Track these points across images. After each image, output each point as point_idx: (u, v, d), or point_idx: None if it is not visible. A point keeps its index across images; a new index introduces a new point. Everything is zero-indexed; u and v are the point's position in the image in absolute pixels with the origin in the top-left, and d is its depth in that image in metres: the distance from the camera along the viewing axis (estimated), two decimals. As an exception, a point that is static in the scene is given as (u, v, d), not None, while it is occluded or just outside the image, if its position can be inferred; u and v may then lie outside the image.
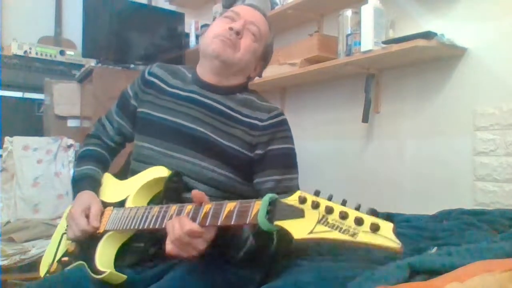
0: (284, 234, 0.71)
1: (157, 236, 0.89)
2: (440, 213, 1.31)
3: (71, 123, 2.75)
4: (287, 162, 1.02)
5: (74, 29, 3.09)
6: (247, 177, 1.01)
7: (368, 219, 0.55)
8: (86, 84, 2.63)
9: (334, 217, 0.58)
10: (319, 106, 2.18)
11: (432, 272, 0.66)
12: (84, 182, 1.05)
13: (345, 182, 1.95)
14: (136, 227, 0.87)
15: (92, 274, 0.85)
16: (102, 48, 2.52)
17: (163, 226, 0.80)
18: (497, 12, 1.44)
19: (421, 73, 1.68)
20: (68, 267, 0.98)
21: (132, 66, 2.57)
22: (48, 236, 1.97)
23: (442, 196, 1.57)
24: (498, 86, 1.43)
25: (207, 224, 0.74)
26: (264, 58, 1.13)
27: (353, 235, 0.55)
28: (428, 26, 1.56)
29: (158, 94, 1.09)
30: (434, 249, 0.91)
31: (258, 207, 0.67)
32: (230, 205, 0.73)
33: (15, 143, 2.31)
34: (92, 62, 2.60)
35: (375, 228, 0.54)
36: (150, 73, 1.13)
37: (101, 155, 1.15)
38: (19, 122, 2.80)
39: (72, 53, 3.09)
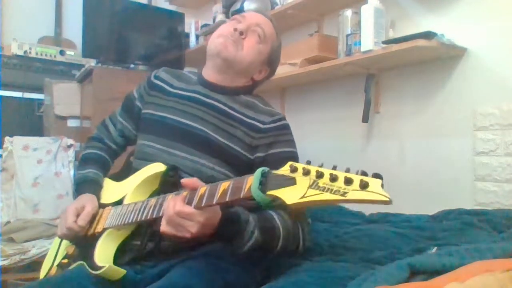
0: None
1: (154, 233, 0.90)
2: (440, 213, 1.31)
3: (71, 123, 2.75)
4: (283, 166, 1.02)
5: (74, 29, 3.09)
6: None
7: (357, 178, 0.58)
8: (86, 84, 2.63)
9: (324, 181, 0.59)
10: (319, 106, 2.18)
11: (432, 272, 0.66)
12: (86, 186, 1.07)
13: (345, 182, 1.95)
14: (134, 220, 0.87)
15: (91, 271, 0.85)
16: (102, 48, 2.52)
17: (161, 214, 0.81)
18: (497, 12, 1.44)
19: (421, 73, 1.68)
20: (68, 269, 0.98)
21: (132, 66, 2.56)
22: (48, 236, 1.98)
23: (442, 196, 1.57)
24: (498, 86, 1.43)
25: (203, 205, 0.75)
26: (270, 62, 1.12)
27: (344, 194, 0.57)
28: (428, 26, 1.57)
29: (162, 95, 1.10)
30: (434, 249, 0.91)
31: (251, 181, 0.68)
32: (224, 184, 0.74)
33: (15, 143, 2.31)
34: (92, 62, 2.59)
35: (364, 185, 0.56)
36: (156, 77, 1.15)
37: (102, 158, 1.17)
38: (19, 122, 2.80)
39: (72, 53, 3.09)
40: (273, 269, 0.96)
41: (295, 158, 1.02)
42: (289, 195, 0.61)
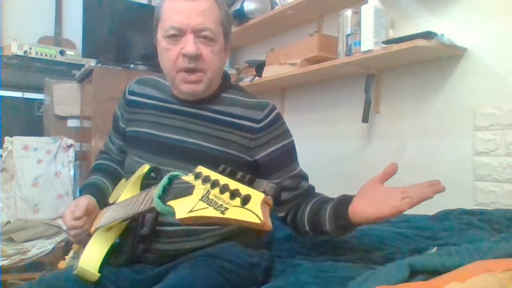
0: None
1: (143, 234, 0.90)
2: (440, 213, 1.31)
3: (71, 123, 2.75)
4: (289, 158, 1.03)
5: (74, 29, 3.09)
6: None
7: (243, 191, 0.48)
8: (86, 84, 2.63)
9: (215, 192, 0.51)
10: (319, 106, 2.18)
11: (432, 272, 0.66)
12: (85, 190, 1.06)
13: (344, 182, 1.94)
14: (111, 220, 0.87)
15: (73, 270, 0.85)
16: (102, 48, 2.52)
17: (126, 216, 0.81)
18: (497, 12, 1.44)
19: (421, 73, 1.68)
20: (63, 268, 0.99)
21: (132, 66, 2.56)
22: (48, 236, 1.98)
23: (442, 196, 1.57)
24: (498, 86, 1.43)
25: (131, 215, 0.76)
26: (227, 40, 1.01)
27: (223, 211, 0.48)
28: (428, 26, 1.56)
29: (140, 110, 1.08)
30: (434, 249, 0.91)
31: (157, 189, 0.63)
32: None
33: (15, 143, 2.31)
34: (92, 62, 2.59)
35: (244, 201, 0.47)
36: (130, 92, 1.11)
37: (109, 167, 1.16)
38: (19, 122, 2.80)
39: (72, 53, 3.09)
40: (273, 269, 0.96)
41: (292, 148, 1.04)
42: (182, 207, 0.53)
